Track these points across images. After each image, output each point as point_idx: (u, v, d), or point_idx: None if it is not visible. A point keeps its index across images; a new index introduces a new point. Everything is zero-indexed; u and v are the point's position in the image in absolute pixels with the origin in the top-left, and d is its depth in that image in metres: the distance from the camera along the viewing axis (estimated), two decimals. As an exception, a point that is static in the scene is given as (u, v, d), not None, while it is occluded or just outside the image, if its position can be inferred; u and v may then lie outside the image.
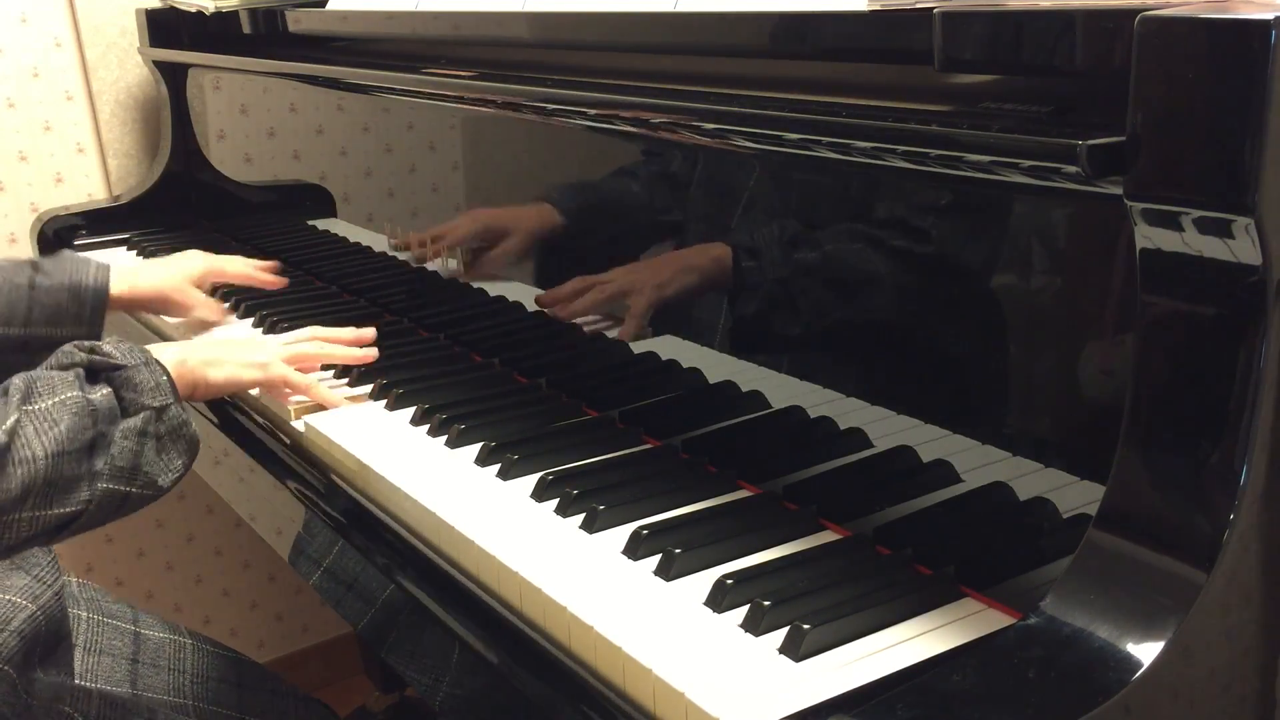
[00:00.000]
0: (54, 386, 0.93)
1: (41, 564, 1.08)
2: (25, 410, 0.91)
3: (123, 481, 0.94)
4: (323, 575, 1.05)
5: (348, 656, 2.19)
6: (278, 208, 1.79)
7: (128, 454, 0.94)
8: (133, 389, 0.96)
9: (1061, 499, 0.79)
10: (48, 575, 1.08)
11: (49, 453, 0.90)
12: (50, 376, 0.94)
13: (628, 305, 1.12)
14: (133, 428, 0.95)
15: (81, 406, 0.93)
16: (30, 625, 1.02)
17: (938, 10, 0.73)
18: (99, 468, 0.93)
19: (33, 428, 0.90)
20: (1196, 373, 0.64)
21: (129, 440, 0.95)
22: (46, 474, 0.90)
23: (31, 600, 1.03)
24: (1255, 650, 0.69)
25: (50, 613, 1.05)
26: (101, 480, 0.93)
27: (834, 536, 0.87)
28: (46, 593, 1.05)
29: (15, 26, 1.85)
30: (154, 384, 0.97)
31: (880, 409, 0.90)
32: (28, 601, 1.03)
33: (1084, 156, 0.64)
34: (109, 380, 0.96)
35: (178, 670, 1.19)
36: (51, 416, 0.91)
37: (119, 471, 0.94)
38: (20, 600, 1.04)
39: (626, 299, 1.12)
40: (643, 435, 1.06)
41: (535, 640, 0.82)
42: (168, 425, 0.98)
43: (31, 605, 1.03)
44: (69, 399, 0.92)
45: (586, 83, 1.07)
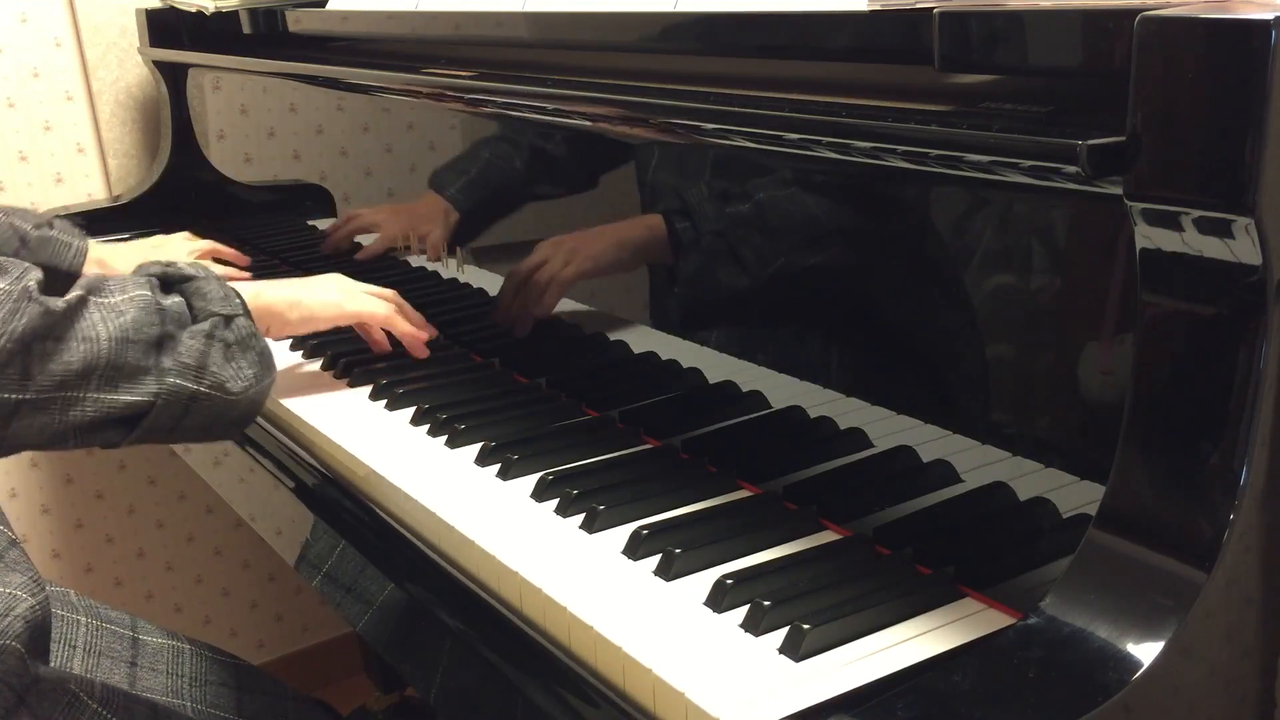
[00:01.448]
0: (125, 285, 0.97)
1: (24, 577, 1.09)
2: (92, 299, 0.94)
3: (190, 378, 0.97)
4: (323, 576, 1.05)
5: (348, 656, 2.19)
6: (278, 208, 1.79)
7: (194, 352, 0.97)
8: (202, 298, 1.00)
9: (1061, 499, 0.79)
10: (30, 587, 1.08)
11: (113, 336, 0.92)
12: (123, 278, 0.98)
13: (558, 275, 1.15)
14: (200, 330, 0.98)
15: (150, 304, 0.96)
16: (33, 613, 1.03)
17: (938, 10, 0.73)
18: (166, 364, 0.96)
19: (99, 314, 0.93)
20: (1196, 373, 0.64)
21: (196, 340, 0.97)
22: (110, 356, 0.92)
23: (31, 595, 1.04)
24: (1255, 650, 0.69)
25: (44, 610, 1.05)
26: (169, 375, 0.95)
27: (834, 536, 0.87)
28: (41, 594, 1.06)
29: (15, 26, 1.85)
30: (223, 294, 1.01)
31: (880, 409, 0.90)
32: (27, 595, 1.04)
33: (1084, 156, 0.64)
34: (181, 290, 1.00)
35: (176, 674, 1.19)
36: (119, 308, 0.94)
37: (185, 368, 0.96)
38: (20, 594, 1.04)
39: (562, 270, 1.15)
40: (643, 435, 1.06)
41: (535, 640, 0.82)
42: (236, 334, 1.00)
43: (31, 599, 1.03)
44: (138, 296, 0.96)
45: (586, 83, 1.07)
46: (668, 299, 1.09)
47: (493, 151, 1.25)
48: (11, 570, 1.06)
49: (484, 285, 1.33)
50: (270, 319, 1.13)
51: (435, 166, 1.39)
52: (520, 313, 1.22)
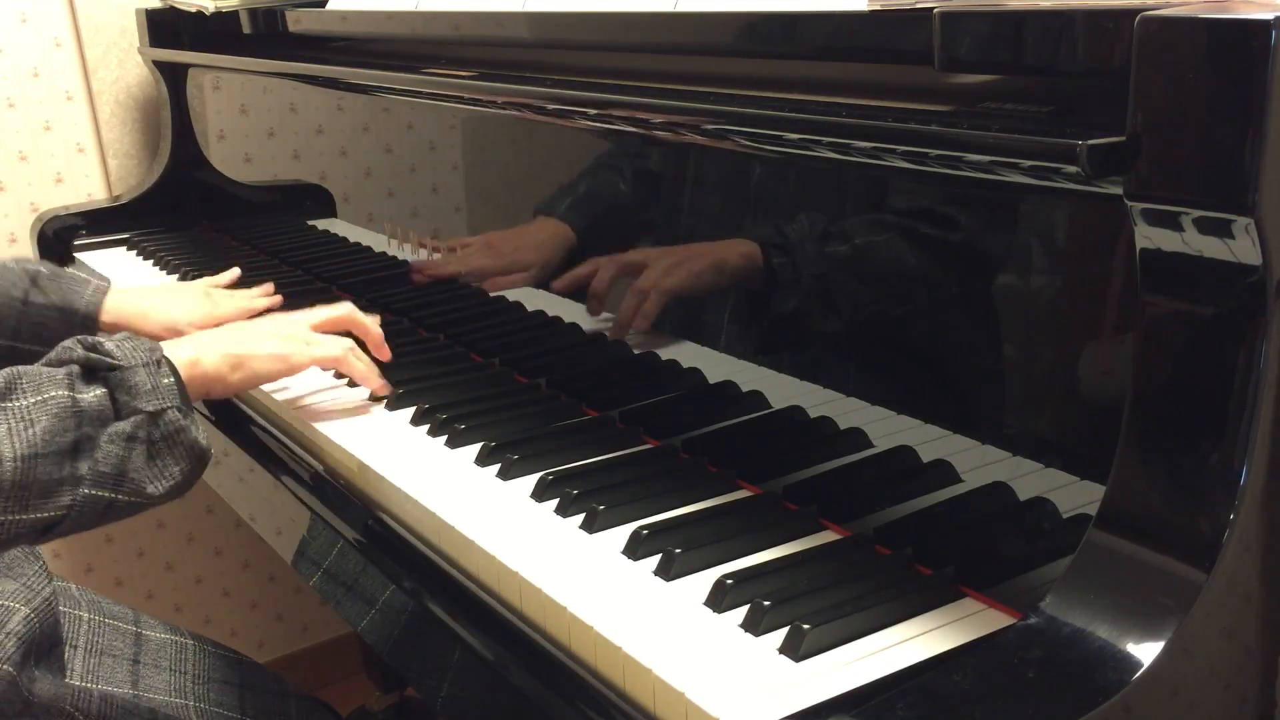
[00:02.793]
0: (40, 384, 0.89)
1: (28, 572, 1.08)
2: (1, 407, 0.86)
3: (107, 488, 0.90)
4: (323, 576, 1.05)
5: (348, 656, 2.19)
6: (278, 208, 1.79)
7: (113, 459, 0.89)
8: (127, 391, 0.91)
9: (1061, 499, 0.79)
10: (36, 582, 1.08)
11: (18, 455, 0.85)
12: (39, 373, 0.90)
13: (649, 287, 1.09)
14: (121, 432, 0.90)
15: (65, 407, 0.88)
16: (26, 627, 1.02)
17: (938, 10, 0.73)
18: (82, 472, 0.88)
19: (6, 427, 0.86)
20: (1196, 373, 0.64)
21: (115, 445, 0.90)
22: (16, 477, 0.85)
23: (24, 604, 1.03)
24: (1255, 650, 0.69)
25: (43, 616, 1.05)
26: (84, 485, 0.88)
27: (834, 536, 0.87)
28: (36, 599, 1.05)
29: (15, 26, 1.85)
30: (151, 386, 0.92)
31: (880, 409, 0.90)
32: (20, 604, 1.03)
33: (1084, 156, 0.64)
34: (105, 380, 0.92)
35: (179, 671, 1.19)
36: (29, 416, 0.87)
37: (102, 477, 0.89)
38: (13, 604, 1.03)
39: (653, 278, 1.09)
40: (643, 435, 1.06)
41: (535, 640, 0.82)
42: (163, 430, 0.92)
43: (25, 608, 1.03)
44: (52, 398, 0.88)
45: (586, 83, 1.07)
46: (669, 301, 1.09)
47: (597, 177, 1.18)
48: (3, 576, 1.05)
49: (483, 285, 1.33)
50: (210, 384, 1.05)
51: (437, 167, 1.39)
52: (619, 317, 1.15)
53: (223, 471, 1.30)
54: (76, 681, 1.10)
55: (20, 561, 1.08)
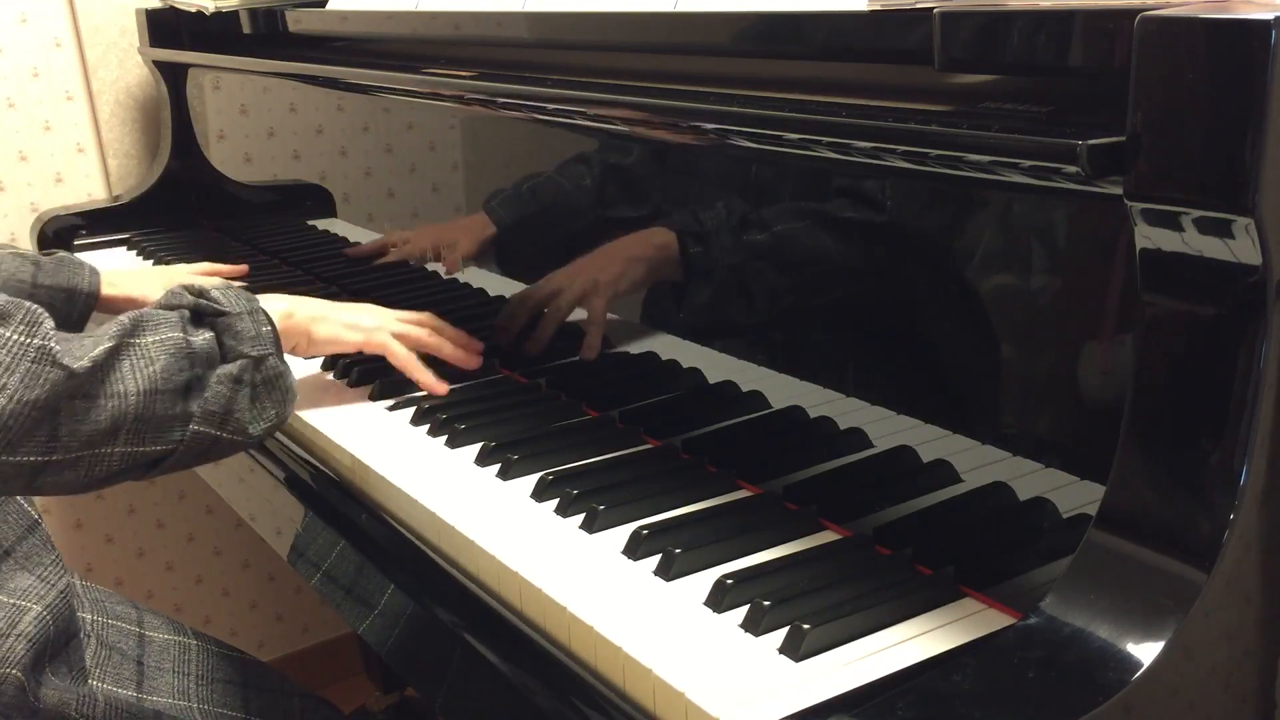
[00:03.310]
0: (158, 324, 0.95)
1: (45, 563, 1.08)
2: (128, 342, 0.92)
3: (214, 425, 0.96)
4: (323, 576, 1.05)
5: (348, 656, 2.19)
6: (278, 208, 1.79)
7: (221, 399, 0.96)
8: (234, 336, 0.98)
9: (1061, 499, 0.79)
10: (51, 575, 1.07)
11: (141, 390, 0.91)
12: (156, 315, 0.96)
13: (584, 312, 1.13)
14: (229, 374, 0.97)
15: (180, 347, 0.94)
16: (38, 628, 1.01)
17: (938, 10, 0.73)
18: (192, 409, 0.94)
19: (129, 362, 0.92)
20: (1196, 373, 0.64)
21: (224, 386, 0.96)
22: (138, 410, 0.91)
23: (37, 601, 1.03)
24: (1255, 650, 0.69)
25: (57, 612, 1.04)
26: (194, 422, 0.94)
27: (834, 536, 0.87)
28: (51, 593, 1.05)
29: (15, 26, 1.85)
30: (255, 333, 0.99)
31: (880, 409, 0.90)
32: (33, 603, 1.03)
33: (1084, 156, 0.64)
34: (212, 325, 0.98)
35: (183, 673, 1.19)
36: (149, 354, 0.93)
37: (211, 415, 0.95)
38: (25, 603, 1.03)
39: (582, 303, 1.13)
40: (643, 435, 1.06)
41: (535, 640, 0.81)
42: (264, 375, 0.99)
43: (37, 606, 1.02)
44: (169, 339, 0.94)
45: (586, 83, 1.07)
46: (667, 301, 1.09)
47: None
48: (19, 571, 1.05)
49: (484, 285, 1.33)
50: (299, 338, 1.12)
51: (437, 167, 1.39)
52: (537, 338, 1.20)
53: (223, 471, 1.30)
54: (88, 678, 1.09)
55: (39, 550, 1.07)
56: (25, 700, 0.98)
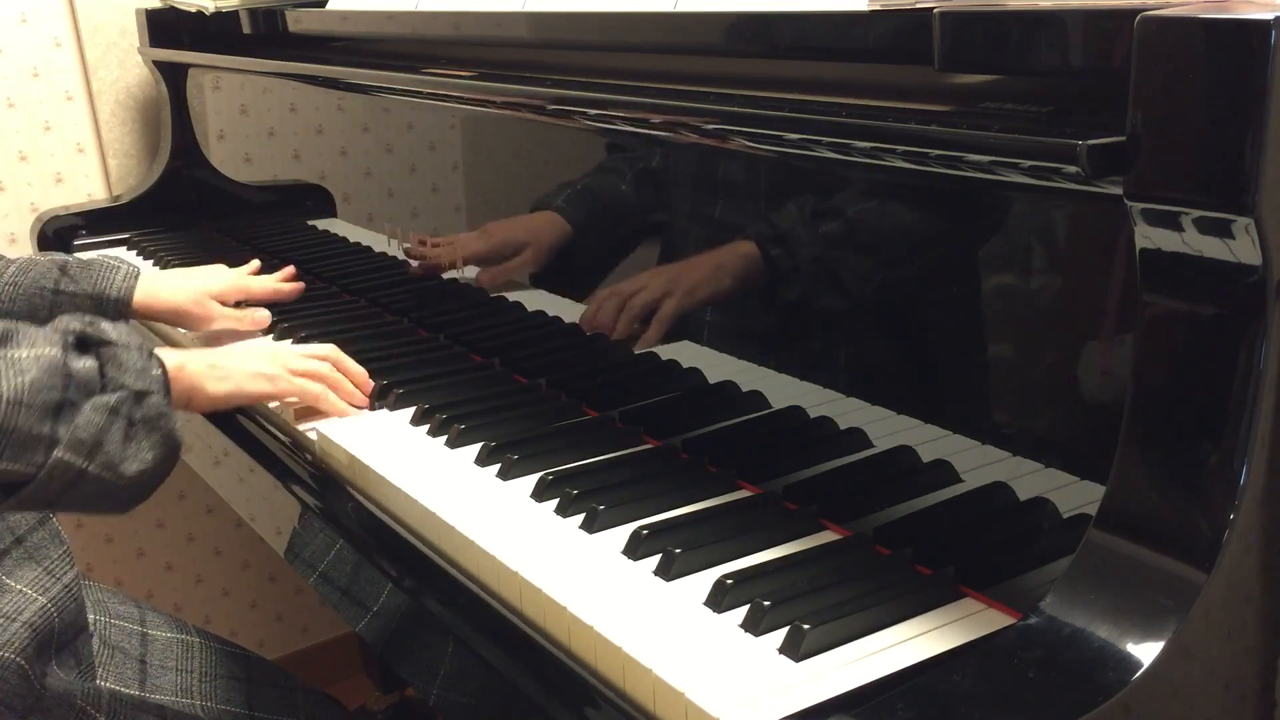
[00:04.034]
0: (35, 340, 0.90)
1: (52, 556, 1.07)
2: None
3: (81, 455, 0.89)
4: (322, 576, 1.05)
5: (348, 656, 2.19)
6: (278, 208, 1.79)
7: (92, 427, 0.90)
8: (117, 366, 0.93)
9: (1061, 499, 0.79)
10: (58, 567, 1.06)
11: (5, 399, 0.86)
12: (36, 331, 0.91)
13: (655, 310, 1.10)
14: (104, 403, 0.91)
15: (56, 366, 0.89)
16: (42, 618, 1.01)
17: (938, 10, 0.73)
18: (59, 433, 0.88)
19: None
20: (1196, 373, 0.64)
21: (97, 414, 0.90)
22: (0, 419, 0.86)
23: (42, 593, 1.02)
24: (1255, 650, 0.69)
25: (62, 605, 1.04)
26: (59, 448, 0.88)
27: (834, 536, 0.87)
28: (56, 585, 1.04)
29: (15, 26, 1.85)
30: (140, 367, 0.94)
31: (880, 409, 0.90)
32: (38, 594, 1.02)
33: (1084, 156, 0.64)
34: (97, 354, 0.93)
35: (185, 670, 1.19)
36: (21, 365, 0.87)
37: (79, 444, 0.89)
38: (31, 592, 1.03)
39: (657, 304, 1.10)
40: (643, 435, 1.06)
41: (535, 640, 0.81)
42: (144, 413, 0.93)
43: (42, 598, 1.02)
44: (45, 355, 0.89)
45: (586, 83, 1.07)
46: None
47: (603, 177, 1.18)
48: (28, 561, 1.04)
49: (482, 275, 1.33)
50: (192, 392, 1.06)
51: (437, 167, 1.39)
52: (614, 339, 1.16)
53: (223, 471, 1.30)
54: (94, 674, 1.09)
55: (47, 543, 1.07)
56: (30, 687, 0.98)
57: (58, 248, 1.86)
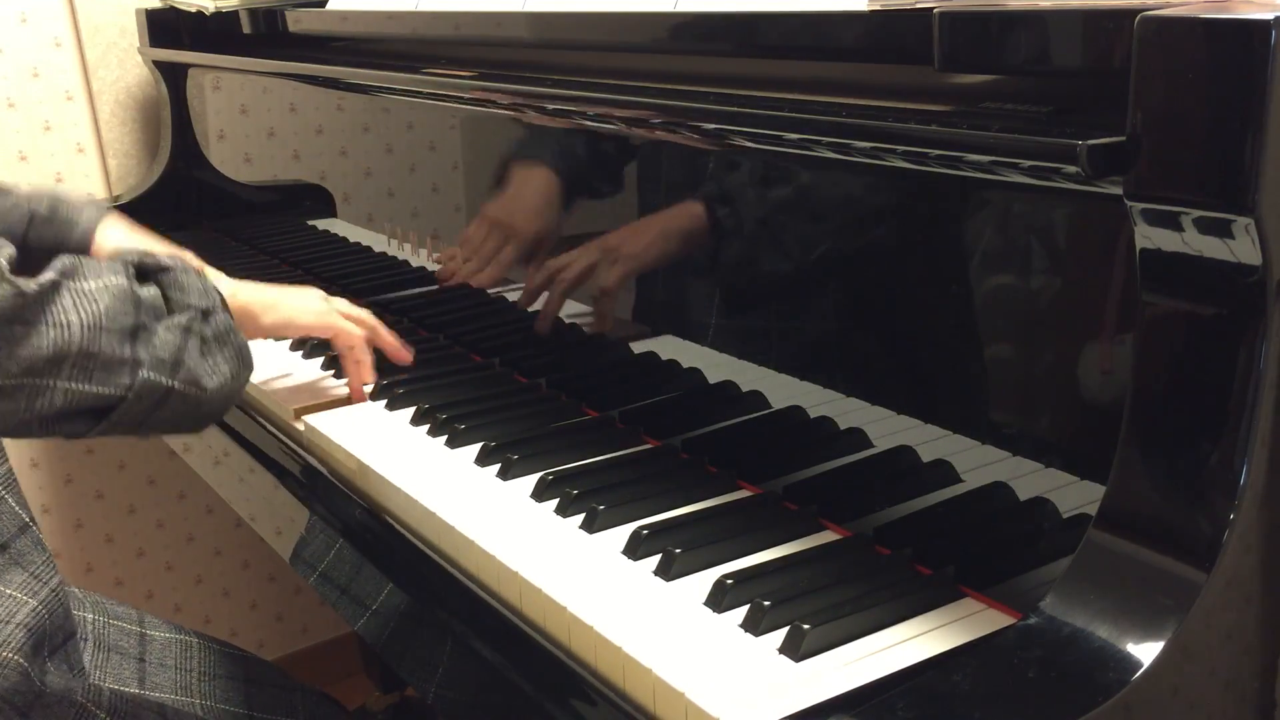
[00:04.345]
0: (100, 271, 0.92)
1: (37, 562, 1.08)
2: (66, 283, 0.89)
3: (165, 373, 0.93)
4: (322, 576, 1.05)
5: (348, 656, 2.19)
6: (278, 208, 1.79)
7: (170, 346, 0.93)
8: (179, 289, 0.96)
9: (1061, 499, 0.79)
10: (44, 573, 1.07)
11: (85, 324, 0.88)
12: (97, 263, 0.93)
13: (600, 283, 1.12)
14: (176, 324, 0.94)
15: (125, 293, 0.92)
16: (35, 619, 1.02)
17: (938, 10, 0.73)
18: (140, 355, 0.91)
19: (71, 299, 0.89)
20: (1196, 373, 0.64)
21: (172, 334, 0.94)
22: (82, 344, 0.88)
23: (32, 596, 1.03)
24: (1255, 650, 0.69)
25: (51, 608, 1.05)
26: (143, 368, 0.91)
27: (834, 536, 0.87)
28: (44, 589, 1.05)
29: (15, 26, 1.85)
30: (201, 288, 0.98)
31: (880, 409, 0.90)
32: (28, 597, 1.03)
33: (1084, 156, 0.64)
34: (157, 280, 0.96)
35: (184, 669, 1.19)
36: (93, 294, 0.90)
37: (160, 363, 0.92)
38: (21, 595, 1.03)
39: (598, 274, 1.12)
40: (643, 435, 1.06)
41: (535, 640, 0.81)
42: (213, 329, 0.97)
43: (33, 601, 1.03)
44: (113, 284, 0.91)
45: (586, 83, 1.07)
46: (667, 300, 1.09)
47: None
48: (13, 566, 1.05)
49: (483, 285, 1.33)
50: (244, 318, 1.09)
51: (437, 167, 1.39)
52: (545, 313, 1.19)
53: (223, 471, 1.30)
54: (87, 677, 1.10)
55: (29, 550, 1.08)
56: (30, 684, 0.98)
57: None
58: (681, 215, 1.03)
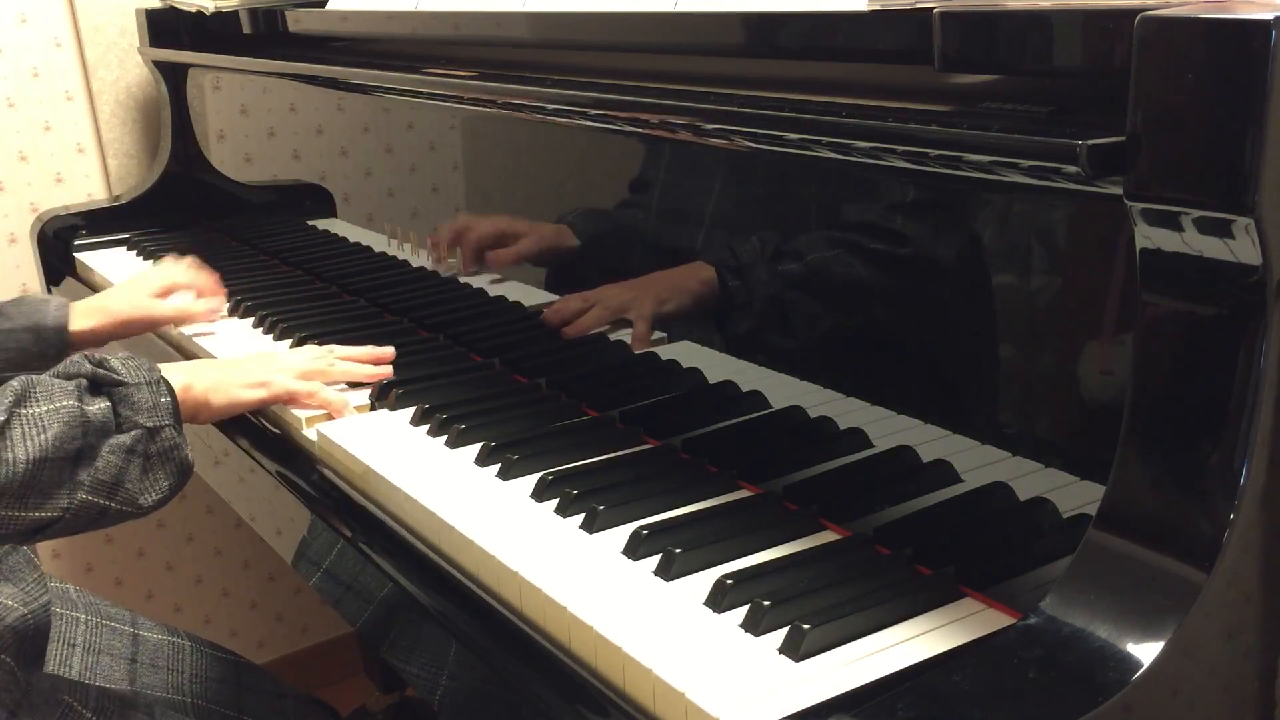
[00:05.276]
0: (52, 393, 0.94)
1: (27, 580, 1.09)
2: (17, 412, 0.92)
3: (102, 495, 0.95)
4: (322, 575, 1.05)
5: (348, 656, 2.19)
6: (278, 208, 1.79)
7: (112, 469, 0.95)
8: (130, 406, 0.98)
9: (1061, 499, 0.79)
10: (34, 590, 1.09)
11: (30, 458, 0.91)
12: (51, 383, 0.96)
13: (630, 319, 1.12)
14: (121, 444, 0.96)
15: (75, 416, 0.94)
16: (23, 624, 1.03)
17: (938, 10, 0.73)
18: (81, 478, 0.94)
19: (20, 430, 0.91)
20: (1196, 373, 0.64)
21: (115, 456, 0.96)
22: (24, 478, 0.91)
23: (22, 605, 1.04)
24: (1255, 650, 0.69)
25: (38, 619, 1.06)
26: (81, 490, 0.94)
27: (834, 536, 0.87)
28: (34, 604, 1.06)
29: (15, 26, 1.85)
30: (152, 404, 0.99)
31: (880, 409, 0.90)
32: (18, 605, 1.04)
33: (1084, 156, 0.64)
34: (109, 395, 0.98)
35: (176, 671, 1.19)
36: (42, 422, 0.92)
37: (100, 485, 0.95)
38: (11, 603, 1.04)
39: (628, 313, 1.13)
40: (643, 435, 1.06)
41: (535, 640, 0.82)
42: (159, 446, 0.99)
43: (22, 609, 1.04)
44: (63, 407, 0.94)
45: (586, 83, 1.07)
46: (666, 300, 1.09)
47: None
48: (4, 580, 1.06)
49: (483, 285, 1.33)
50: (198, 409, 1.11)
51: (437, 167, 1.39)
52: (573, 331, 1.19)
53: (223, 471, 1.30)
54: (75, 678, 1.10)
55: (21, 567, 1.09)
56: (16, 683, 0.99)
57: (58, 248, 1.87)
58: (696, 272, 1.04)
